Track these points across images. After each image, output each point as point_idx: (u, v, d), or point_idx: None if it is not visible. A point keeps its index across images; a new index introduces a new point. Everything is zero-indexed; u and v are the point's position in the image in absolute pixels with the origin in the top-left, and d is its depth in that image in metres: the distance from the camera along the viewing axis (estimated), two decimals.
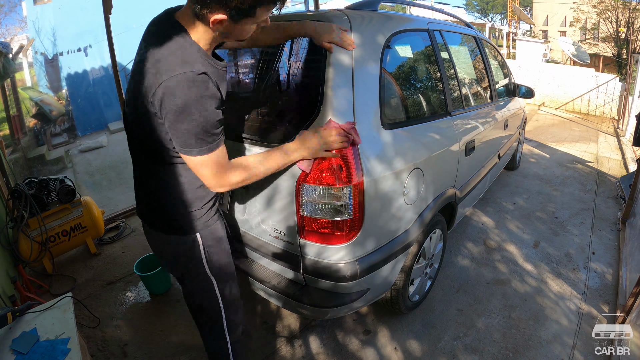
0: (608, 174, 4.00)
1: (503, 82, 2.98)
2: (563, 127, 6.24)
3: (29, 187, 2.29)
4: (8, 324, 1.19)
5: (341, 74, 1.25)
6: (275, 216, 1.39)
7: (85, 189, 4.21)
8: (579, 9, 15.43)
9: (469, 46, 2.54)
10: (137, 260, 2.13)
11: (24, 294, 1.85)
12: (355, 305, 1.44)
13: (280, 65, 1.46)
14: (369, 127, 1.32)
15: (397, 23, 1.58)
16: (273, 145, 1.32)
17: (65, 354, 1.11)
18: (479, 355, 1.70)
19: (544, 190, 3.47)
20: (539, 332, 1.82)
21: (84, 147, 5.59)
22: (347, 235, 1.28)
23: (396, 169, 1.38)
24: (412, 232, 1.55)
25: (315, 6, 4.37)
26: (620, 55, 14.40)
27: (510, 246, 2.55)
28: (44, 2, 5.82)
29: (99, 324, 1.91)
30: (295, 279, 1.43)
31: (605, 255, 2.47)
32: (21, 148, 4.67)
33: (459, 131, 1.90)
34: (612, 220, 2.94)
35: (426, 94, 1.80)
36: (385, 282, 1.54)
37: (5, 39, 4.95)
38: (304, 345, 1.76)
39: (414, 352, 1.72)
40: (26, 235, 2.15)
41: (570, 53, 10.00)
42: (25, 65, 5.51)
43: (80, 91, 6.30)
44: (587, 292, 2.11)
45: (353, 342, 1.77)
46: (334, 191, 1.23)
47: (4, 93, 4.36)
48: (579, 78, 7.47)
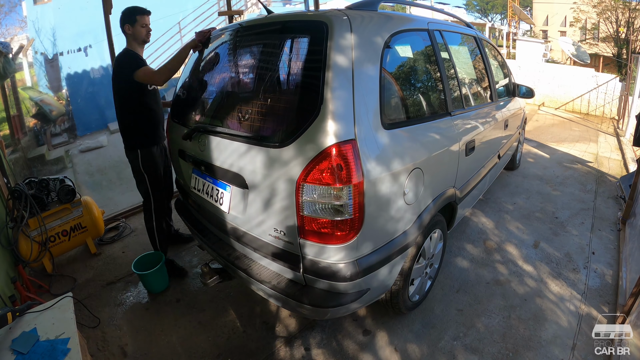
0: (608, 174, 4.00)
1: (503, 82, 2.97)
2: (563, 127, 6.24)
3: (29, 187, 2.29)
4: (8, 324, 1.19)
5: (341, 74, 1.25)
6: (275, 216, 1.39)
7: (85, 189, 4.21)
8: (579, 9, 15.42)
9: (469, 46, 2.54)
10: (136, 259, 2.14)
11: (24, 294, 1.85)
12: (355, 306, 1.44)
13: (281, 66, 1.46)
14: (369, 127, 1.32)
15: (397, 23, 1.58)
16: (273, 145, 1.32)
17: (65, 354, 1.11)
18: (478, 355, 1.70)
19: (544, 191, 3.47)
20: (539, 332, 1.82)
21: (84, 147, 5.59)
22: (347, 235, 1.28)
23: (396, 169, 1.38)
24: (412, 232, 1.55)
25: (315, 6, 4.37)
26: (620, 55, 14.40)
27: (510, 246, 2.55)
28: (44, 2, 5.82)
29: (99, 324, 1.92)
30: (295, 279, 1.43)
31: (605, 255, 2.47)
32: (21, 148, 4.67)
33: (459, 131, 1.90)
34: (612, 220, 2.94)
35: (426, 94, 1.80)
36: (385, 282, 1.54)
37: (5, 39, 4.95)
38: (303, 346, 1.76)
39: (414, 353, 1.72)
40: (26, 235, 2.15)
41: (570, 53, 9.99)
42: (25, 65, 5.51)
43: (80, 91, 6.30)
44: (587, 293, 2.11)
45: (353, 343, 1.77)
46: (334, 191, 1.23)
47: (4, 93, 4.36)
48: (579, 78, 7.47)
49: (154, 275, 2.07)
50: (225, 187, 1.58)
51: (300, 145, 1.26)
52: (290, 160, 1.28)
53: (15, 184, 2.38)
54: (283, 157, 1.29)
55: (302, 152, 1.25)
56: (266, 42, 1.61)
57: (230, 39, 1.75)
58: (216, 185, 1.64)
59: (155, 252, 2.20)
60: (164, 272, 2.15)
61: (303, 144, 1.25)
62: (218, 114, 1.68)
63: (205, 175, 1.70)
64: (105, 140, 5.75)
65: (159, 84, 2.03)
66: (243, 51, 1.69)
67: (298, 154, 1.25)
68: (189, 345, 1.78)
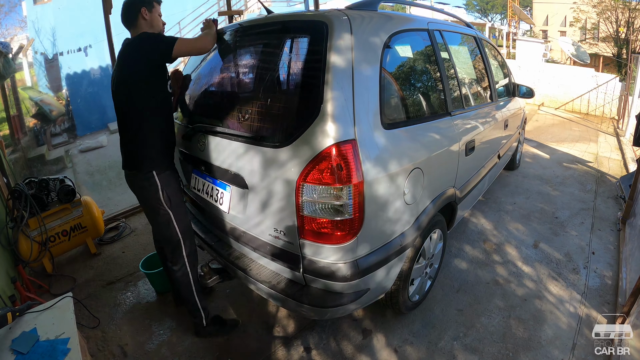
0: (608, 174, 4.00)
1: (503, 82, 2.97)
2: (563, 127, 6.24)
3: (29, 187, 2.29)
4: (8, 324, 1.19)
5: (341, 74, 1.25)
6: (275, 216, 1.39)
7: (85, 189, 4.21)
8: (579, 9, 15.41)
9: (469, 46, 2.54)
10: (144, 258, 2.14)
11: (24, 294, 1.85)
12: (355, 306, 1.44)
13: (281, 66, 1.46)
14: (369, 127, 1.32)
15: (397, 23, 1.58)
16: (273, 145, 1.32)
17: (65, 354, 1.11)
18: (478, 355, 1.70)
19: (544, 190, 3.47)
20: (539, 332, 1.82)
21: (84, 147, 5.59)
22: (347, 235, 1.28)
23: (396, 168, 1.38)
24: (411, 232, 1.55)
25: (315, 6, 4.37)
26: (620, 55, 14.39)
27: (510, 246, 2.55)
28: (44, 2, 5.82)
29: (99, 324, 1.91)
30: (295, 279, 1.43)
31: (605, 255, 2.47)
32: (21, 148, 4.67)
33: (458, 131, 1.90)
34: (612, 220, 2.93)
35: (426, 94, 1.80)
36: (386, 282, 1.54)
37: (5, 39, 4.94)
38: (303, 346, 1.76)
39: (414, 353, 1.72)
40: (26, 235, 2.15)
41: (570, 53, 9.99)
42: (25, 65, 5.51)
43: (80, 91, 6.30)
44: (587, 293, 2.11)
45: (353, 343, 1.77)
46: (334, 191, 1.23)
47: (4, 93, 4.36)
48: (579, 78, 7.47)
49: (161, 275, 2.07)
50: (225, 187, 1.58)
51: (300, 145, 1.26)
52: (290, 160, 1.28)
53: (15, 184, 2.38)
54: (283, 157, 1.29)
55: (302, 152, 1.25)
56: (266, 42, 1.61)
57: (230, 38, 1.75)
58: (216, 185, 1.64)
59: None
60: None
61: (303, 144, 1.25)
62: (218, 114, 1.68)
63: (205, 175, 1.70)
64: (105, 140, 5.75)
65: (207, 49, 1.57)
66: (243, 51, 1.69)
67: (298, 154, 1.25)
68: (189, 345, 1.78)
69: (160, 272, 2.04)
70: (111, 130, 6.20)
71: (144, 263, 2.11)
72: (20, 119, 4.85)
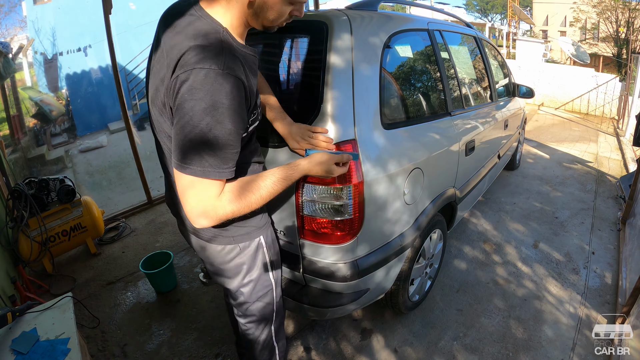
0: (608, 174, 4.00)
1: (503, 82, 2.97)
2: (563, 127, 6.24)
3: (29, 187, 2.29)
4: (8, 324, 1.19)
5: (341, 74, 1.25)
6: (274, 216, 1.39)
7: (85, 189, 4.22)
8: (579, 9, 15.43)
9: (469, 46, 2.54)
10: (144, 258, 2.14)
11: (24, 294, 1.85)
12: (355, 306, 1.44)
13: (280, 66, 1.46)
14: (369, 127, 1.32)
15: (397, 23, 1.58)
16: (273, 145, 1.32)
17: (65, 354, 1.11)
18: (478, 355, 1.70)
19: (544, 190, 3.47)
20: (539, 332, 1.82)
21: (84, 147, 5.59)
22: (347, 235, 1.28)
23: (396, 169, 1.38)
24: (411, 232, 1.55)
25: (315, 6, 4.37)
26: (620, 55, 14.41)
27: (510, 246, 2.55)
28: (44, 2, 5.83)
29: (99, 324, 1.91)
30: (294, 279, 1.43)
31: (605, 255, 2.47)
32: (21, 148, 4.68)
33: (458, 131, 1.89)
34: (612, 220, 2.94)
35: (426, 94, 1.80)
36: (385, 282, 1.54)
37: (5, 39, 4.95)
38: (303, 346, 1.76)
39: (414, 353, 1.72)
40: (26, 235, 2.15)
41: (570, 53, 9.99)
42: (25, 65, 5.52)
43: (80, 91, 6.31)
44: (587, 293, 2.11)
45: (352, 343, 1.77)
46: (334, 191, 1.23)
47: (4, 93, 4.37)
48: (579, 78, 7.47)
49: (161, 275, 2.07)
50: None
51: None
52: (289, 160, 1.27)
53: (15, 184, 2.38)
54: (283, 157, 1.29)
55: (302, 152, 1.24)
56: (265, 42, 1.61)
57: None
58: None
59: (162, 252, 2.19)
60: (171, 271, 2.14)
61: None
62: None
63: None
64: (105, 140, 5.76)
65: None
66: None
67: (298, 154, 1.25)
68: (189, 345, 1.78)
69: (160, 272, 2.04)
70: (111, 130, 6.21)
71: (144, 263, 2.11)
72: (20, 119, 4.86)
